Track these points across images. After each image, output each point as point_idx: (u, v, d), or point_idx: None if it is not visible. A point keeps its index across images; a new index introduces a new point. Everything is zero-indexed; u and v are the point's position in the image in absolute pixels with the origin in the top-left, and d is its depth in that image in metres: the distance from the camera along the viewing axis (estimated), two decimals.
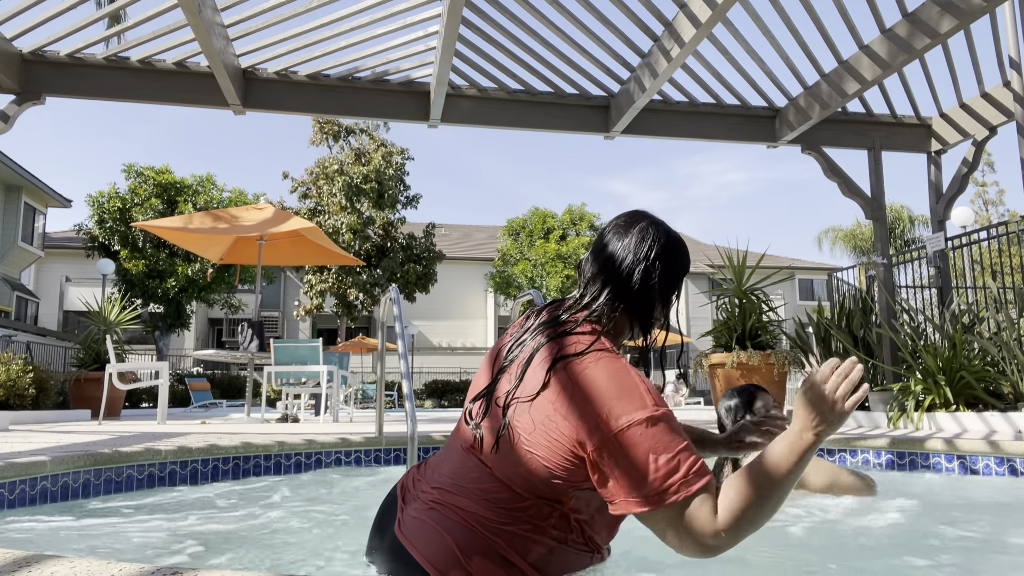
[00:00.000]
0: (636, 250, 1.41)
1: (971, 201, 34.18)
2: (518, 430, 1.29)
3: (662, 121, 7.26)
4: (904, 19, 5.68)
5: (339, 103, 6.92)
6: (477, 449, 1.36)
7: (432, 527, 1.30)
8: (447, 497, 1.34)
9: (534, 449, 1.27)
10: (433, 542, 1.28)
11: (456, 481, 1.35)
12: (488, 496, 1.30)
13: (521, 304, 5.13)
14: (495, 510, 1.29)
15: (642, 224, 1.45)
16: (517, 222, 26.46)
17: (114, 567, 1.02)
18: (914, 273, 7.94)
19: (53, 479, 2.77)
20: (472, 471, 1.35)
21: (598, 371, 1.26)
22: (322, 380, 7.48)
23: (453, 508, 1.31)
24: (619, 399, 1.22)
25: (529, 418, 1.29)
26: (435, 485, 1.38)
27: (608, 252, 1.43)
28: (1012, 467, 3.47)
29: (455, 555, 1.26)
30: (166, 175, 19.53)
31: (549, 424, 1.26)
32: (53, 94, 6.34)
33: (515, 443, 1.29)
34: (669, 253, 1.42)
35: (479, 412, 1.40)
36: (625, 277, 1.40)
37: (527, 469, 1.27)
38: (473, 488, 1.32)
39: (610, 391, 1.23)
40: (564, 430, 1.24)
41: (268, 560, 1.90)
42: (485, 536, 1.27)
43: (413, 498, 1.40)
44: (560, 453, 1.25)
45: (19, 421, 6.60)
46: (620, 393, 1.23)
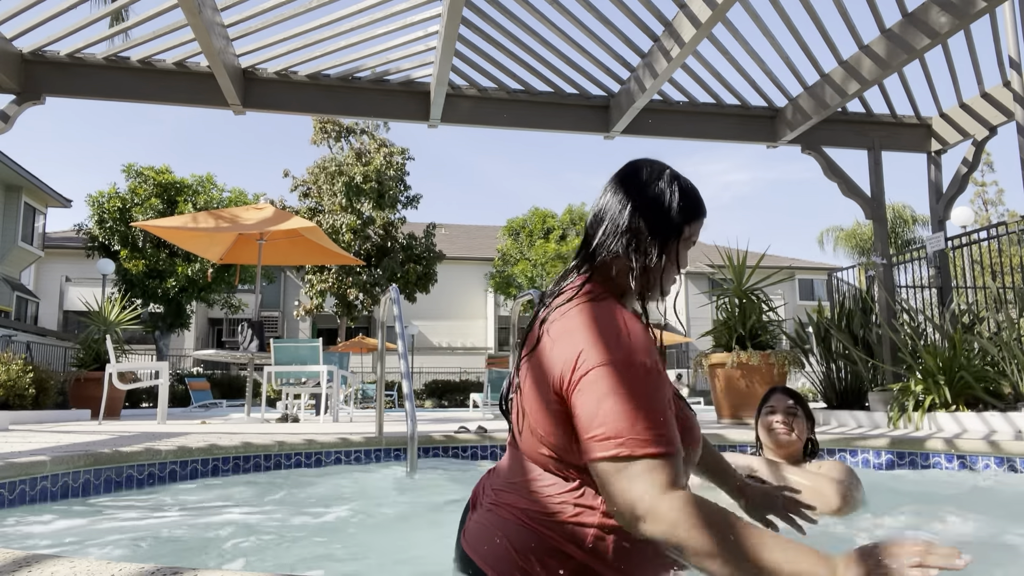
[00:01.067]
0: (627, 190, 1.30)
1: (971, 201, 34.19)
2: (527, 399, 1.25)
3: (662, 121, 7.26)
4: (904, 19, 5.68)
5: (339, 103, 6.92)
6: (515, 441, 1.32)
7: (489, 529, 1.27)
8: (502, 497, 1.30)
9: (540, 413, 1.21)
10: (490, 545, 1.24)
11: (507, 479, 1.31)
12: (531, 487, 1.24)
13: (521, 304, 5.13)
14: (539, 500, 1.22)
15: (635, 166, 1.36)
16: (517, 222, 26.46)
17: (114, 567, 1.02)
18: (914, 273, 7.94)
19: (53, 479, 2.77)
20: (516, 465, 1.30)
21: (577, 317, 1.20)
22: (322, 380, 7.48)
23: (506, 507, 1.27)
24: (593, 343, 1.14)
25: (529, 383, 1.24)
26: (495, 487, 1.34)
27: (600, 202, 1.34)
28: (1012, 467, 3.47)
29: (511, 555, 1.20)
30: (166, 175, 19.53)
31: (540, 383, 1.21)
32: (53, 94, 6.34)
33: (528, 414, 1.24)
34: (664, 187, 1.30)
35: (506, 405, 1.38)
36: (614, 219, 1.29)
37: (547, 441, 1.21)
38: (519, 482, 1.27)
39: (586, 336, 1.15)
40: (549, 383, 1.18)
41: (268, 560, 1.90)
42: (537, 530, 1.21)
43: (479, 504, 1.37)
44: (551, 407, 1.18)
45: (19, 421, 6.60)
46: (595, 337, 1.14)
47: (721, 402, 6.73)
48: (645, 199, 1.29)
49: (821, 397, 7.40)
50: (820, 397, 7.46)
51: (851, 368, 6.99)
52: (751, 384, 6.45)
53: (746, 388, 6.47)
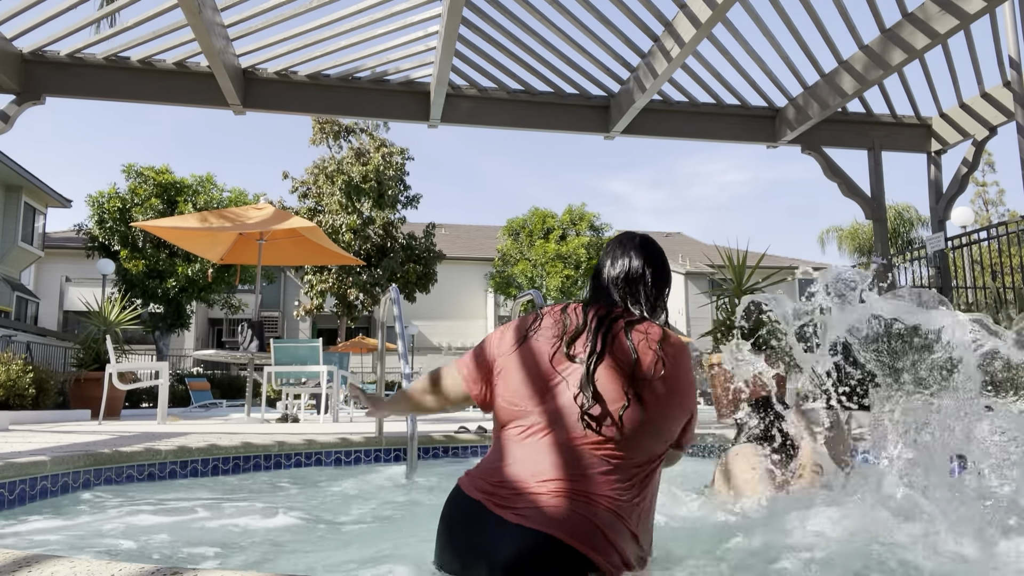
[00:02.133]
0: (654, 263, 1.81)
1: (971, 201, 34.18)
2: (652, 406, 1.54)
3: (662, 121, 7.26)
4: (904, 19, 5.68)
5: (339, 103, 6.92)
6: (593, 439, 1.51)
7: (573, 513, 1.42)
8: (571, 486, 1.46)
9: (668, 418, 1.58)
10: (577, 523, 1.41)
11: (572, 471, 1.48)
12: (610, 478, 1.48)
13: (521, 304, 5.13)
14: (621, 490, 1.48)
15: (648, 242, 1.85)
16: (517, 222, 26.45)
17: (114, 567, 1.02)
18: (914, 273, 7.94)
19: (53, 479, 2.77)
20: (586, 459, 1.50)
21: (684, 348, 1.65)
22: (322, 380, 7.47)
23: (585, 494, 1.45)
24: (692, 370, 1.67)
25: (660, 395, 1.56)
26: (548, 478, 1.47)
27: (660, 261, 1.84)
28: None
29: (599, 530, 1.42)
30: (166, 175, 19.53)
31: (675, 397, 1.58)
32: (53, 94, 6.34)
33: (649, 418, 1.53)
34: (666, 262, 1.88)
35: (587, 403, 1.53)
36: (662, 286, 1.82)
37: (656, 439, 1.55)
38: (594, 474, 1.48)
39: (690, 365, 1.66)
40: (685, 398, 1.62)
41: (268, 560, 1.90)
42: (621, 516, 1.46)
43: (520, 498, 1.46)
44: (681, 418, 1.62)
45: (19, 421, 6.60)
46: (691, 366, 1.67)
47: (721, 402, 6.74)
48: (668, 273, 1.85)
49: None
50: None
51: None
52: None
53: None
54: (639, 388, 1.53)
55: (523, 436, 1.57)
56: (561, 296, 24.41)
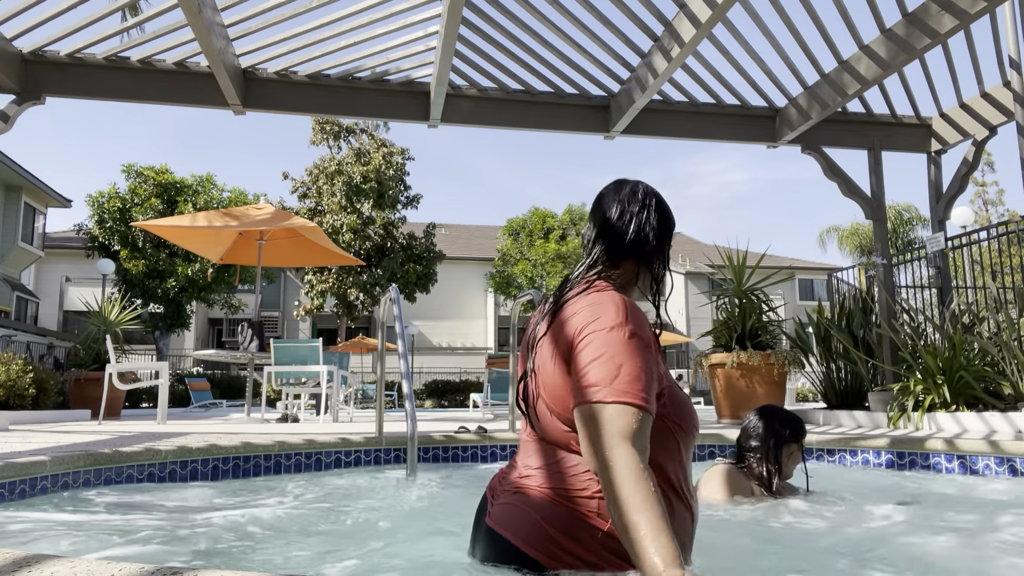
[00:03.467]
0: (628, 204, 1.52)
1: (971, 201, 34.18)
2: (543, 378, 1.39)
3: (662, 121, 7.26)
4: (904, 19, 5.68)
5: (339, 103, 6.92)
6: (534, 429, 1.45)
7: (520, 509, 1.37)
8: (526, 481, 1.41)
9: (556, 387, 1.35)
10: (521, 521, 1.34)
11: (529, 466, 1.43)
12: (557, 468, 1.36)
13: (521, 304, 5.12)
14: (567, 479, 1.33)
15: (630, 185, 1.57)
16: (517, 222, 26.46)
17: (114, 567, 1.02)
18: (914, 273, 7.94)
19: (53, 479, 2.77)
20: (538, 451, 1.43)
21: (583, 301, 1.38)
22: (322, 380, 7.48)
23: (536, 488, 1.38)
24: (594, 315, 1.32)
25: (545, 360, 1.39)
26: (517, 475, 1.45)
27: (602, 212, 1.53)
28: (1012, 467, 3.47)
29: (545, 530, 1.31)
30: (166, 175, 19.54)
31: (555, 357, 1.36)
32: (53, 94, 6.34)
33: (545, 392, 1.38)
34: (658, 205, 1.54)
35: (522, 397, 1.48)
36: (620, 229, 1.50)
37: (563, 416, 1.34)
38: (543, 465, 1.39)
39: (589, 311, 1.33)
40: (561, 354, 1.34)
41: (268, 560, 1.90)
42: (567, 507, 1.31)
43: (500, 492, 1.47)
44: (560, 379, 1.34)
45: (19, 421, 6.60)
46: (596, 311, 1.32)
47: (721, 402, 6.74)
48: (647, 213, 1.51)
49: (821, 397, 7.40)
50: (820, 397, 7.46)
51: (851, 368, 6.99)
52: (751, 384, 6.45)
53: (746, 388, 6.47)
54: (534, 363, 1.43)
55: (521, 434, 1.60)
56: None
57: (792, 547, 2.01)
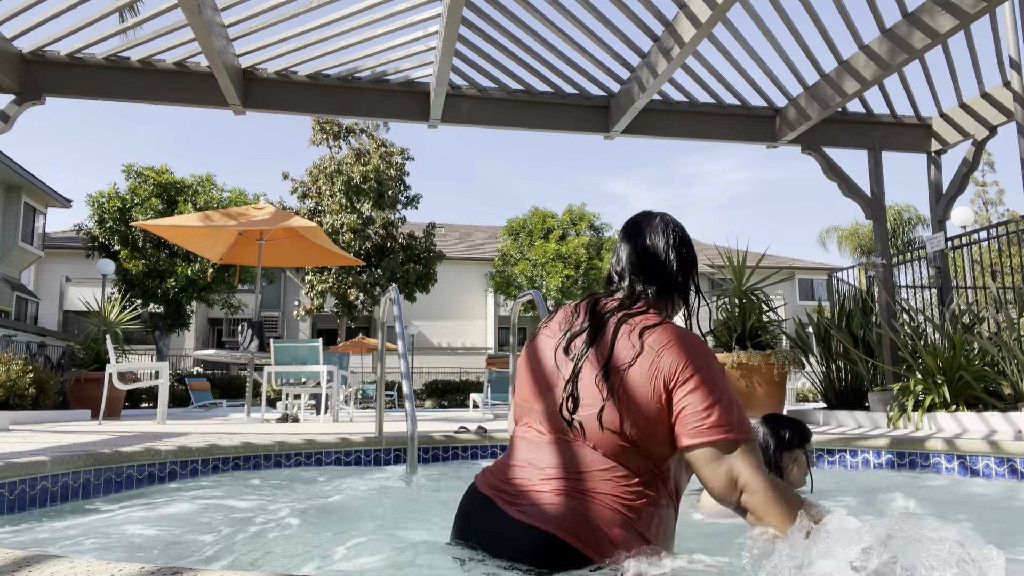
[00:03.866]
0: (665, 241, 1.67)
1: (971, 201, 34.19)
2: (626, 398, 1.46)
3: (662, 121, 7.26)
4: (904, 19, 5.68)
5: (339, 103, 6.92)
6: (579, 436, 1.49)
7: (575, 514, 1.41)
8: (570, 484, 1.45)
9: (638, 411, 1.44)
10: (582, 526, 1.40)
11: (571, 468, 1.48)
12: (608, 475, 1.45)
13: (521, 304, 5.13)
14: (620, 487, 1.44)
15: (659, 219, 1.72)
16: (517, 222, 26.45)
17: (114, 567, 1.02)
18: (914, 273, 7.94)
19: (53, 479, 2.77)
20: (586, 457, 1.48)
21: (671, 332, 1.50)
22: (322, 380, 7.48)
23: (584, 492, 1.44)
24: (690, 351, 1.46)
25: (627, 385, 1.46)
26: (548, 476, 1.48)
27: (643, 247, 1.68)
28: (1012, 467, 3.47)
29: (601, 531, 1.40)
30: (166, 175, 19.53)
31: (644, 385, 1.45)
32: (53, 94, 6.34)
33: (622, 412, 1.45)
34: (687, 239, 1.71)
35: (569, 403, 1.51)
36: (662, 265, 1.66)
37: (634, 434, 1.44)
38: (592, 471, 1.46)
39: (684, 346, 1.47)
40: (654, 383, 1.44)
41: (268, 560, 1.90)
42: (621, 512, 1.42)
43: (524, 495, 1.47)
44: (653, 407, 1.44)
45: (19, 421, 6.60)
46: (690, 346, 1.47)
47: None
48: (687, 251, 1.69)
49: (821, 397, 7.40)
50: (820, 397, 7.46)
51: (851, 368, 6.99)
52: (751, 384, 6.45)
53: (746, 388, 6.47)
54: (613, 383, 1.46)
55: (528, 433, 1.59)
56: (561, 296, 24.41)
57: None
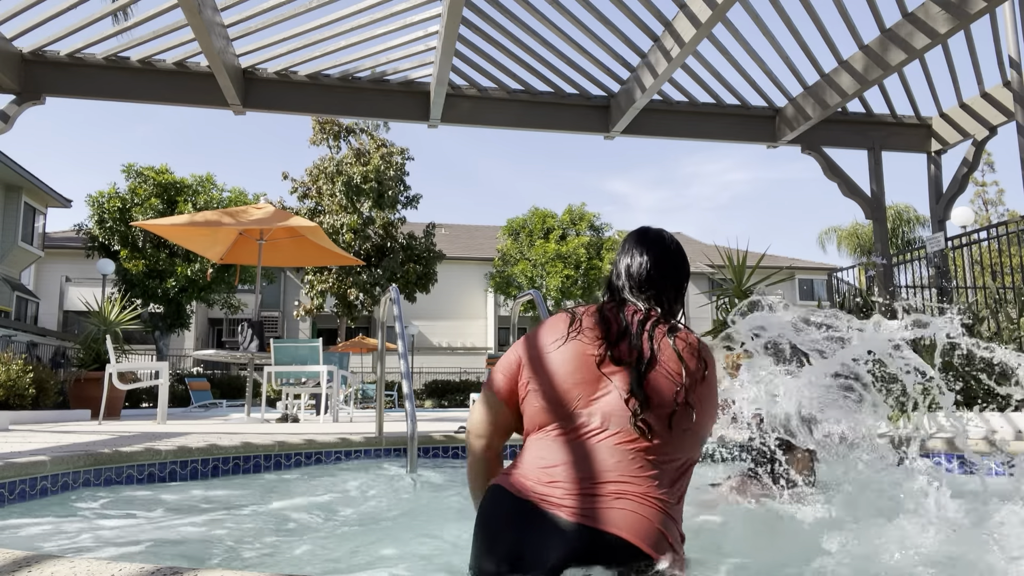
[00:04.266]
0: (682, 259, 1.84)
1: (971, 201, 34.18)
2: (696, 409, 1.59)
3: (662, 121, 7.26)
4: (904, 19, 5.68)
5: (339, 103, 6.92)
6: (641, 441, 1.55)
7: (633, 514, 1.47)
8: (627, 488, 1.50)
9: (706, 419, 1.62)
10: (646, 529, 1.46)
11: (628, 474, 1.53)
12: (660, 479, 1.53)
13: (521, 304, 5.13)
14: (667, 492, 1.53)
15: (670, 238, 1.86)
16: (517, 222, 26.44)
17: (114, 567, 1.02)
18: (914, 273, 7.94)
19: (53, 479, 2.77)
20: (637, 461, 1.54)
21: (710, 351, 1.70)
22: (322, 380, 7.47)
23: (641, 496, 1.50)
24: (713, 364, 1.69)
25: (701, 397, 1.61)
26: (602, 480, 1.51)
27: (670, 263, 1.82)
28: (1012, 467, 3.47)
29: (662, 534, 1.46)
30: (166, 175, 19.53)
31: (712, 398, 1.65)
32: (53, 94, 6.34)
33: (694, 421, 1.58)
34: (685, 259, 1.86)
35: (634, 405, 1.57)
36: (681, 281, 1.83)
37: (699, 440, 1.61)
38: (644, 476, 1.53)
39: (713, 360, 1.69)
40: (717, 398, 1.68)
41: (268, 560, 1.90)
42: (671, 516, 1.51)
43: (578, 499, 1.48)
44: (714, 418, 1.66)
45: (19, 421, 6.60)
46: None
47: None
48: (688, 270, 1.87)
49: None
50: None
51: None
52: None
53: None
54: (688, 393, 1.59)
55: (570, 438, 1.57)
56: (561, 296, 24.41)
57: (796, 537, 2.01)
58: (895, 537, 1.84)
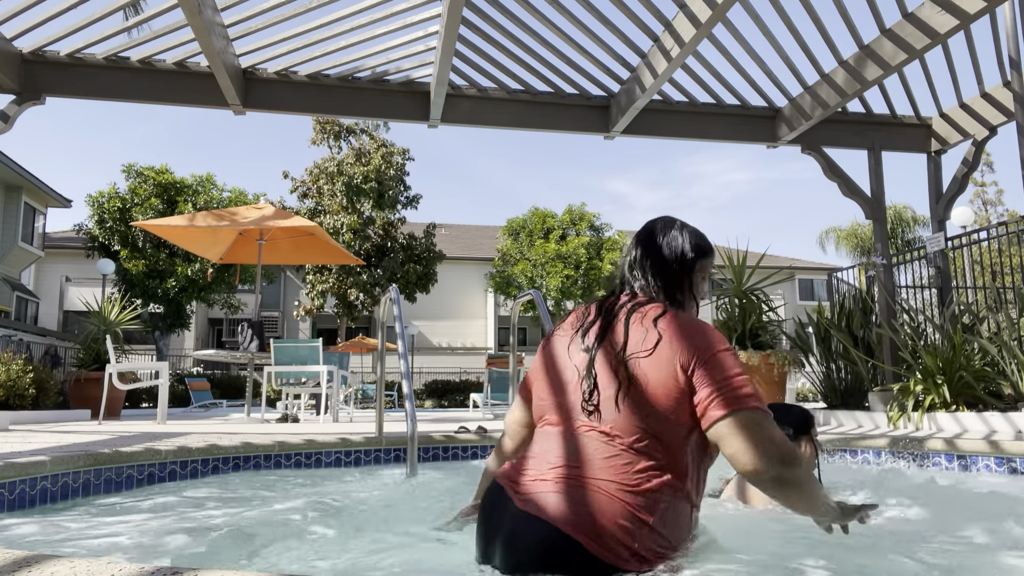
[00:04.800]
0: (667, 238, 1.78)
1: (970, 201, 34.20)
2: (640, 382, 1.52)
3: (662, 121, 7.26)
4: (904, 19, 5.68)
5: (339, 103, 6.92)
6: (595, 424, 1.54)
7: (573, 503, 1.43)
8: (572, 472, 1.48)
9: (656, 391, 1.50)
10: (579, 516, 1.41)
11: (576, 457, 1.51)
12: (611, 462, 1.47)
13: (521, 304, 5.13)
14: (620, 474, 1.45)
15: (663, 220, 1.83)
16: (517, 222, 26.43)
17: (114, 567, 1.02)
18: (914, 273, 7.94)
19: (53, 479, 2.77)
20: (591, 445, 1.51)
21: (684, 320, 1.60)
22: (322, 380, 7.48)
23: (584, 480, 1.46)
24: (706, 335, 1.56)
25: (645, 369, 1.53)
26: (554, 466, 1.51)
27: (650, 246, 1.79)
28: (1012, 467, 3.47)
29: (601, 523, 1.39)
30: (166, 175, 19.52)
31: (662, 367, 1.52)
32: (53, 94, 6.34)
33: (639, 395, 1.51)
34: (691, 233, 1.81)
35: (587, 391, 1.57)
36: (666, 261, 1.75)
37: (651, 416, 1.49)
38: (597, 459, 1.49)
39: (698, 330, 1.56)
40: (672, 365, 1.51)
41: (268, 560, 1.90)
42: (622, 501, 1.42)
43: (528, 485, 1.51)
44: (672, 387, 1.50)
45: (19, 421, 6.60)
46: (705, 331, 1.57)
47: None
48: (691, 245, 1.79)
49: (821, 397, 7.40)
50: (820, 397, 7.46)
51: (851, 368, 6.99)
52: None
53: None
54: (630, 367, 1.54)
55: (542, 428, 1.66)
56: (561, 296, 24.41)
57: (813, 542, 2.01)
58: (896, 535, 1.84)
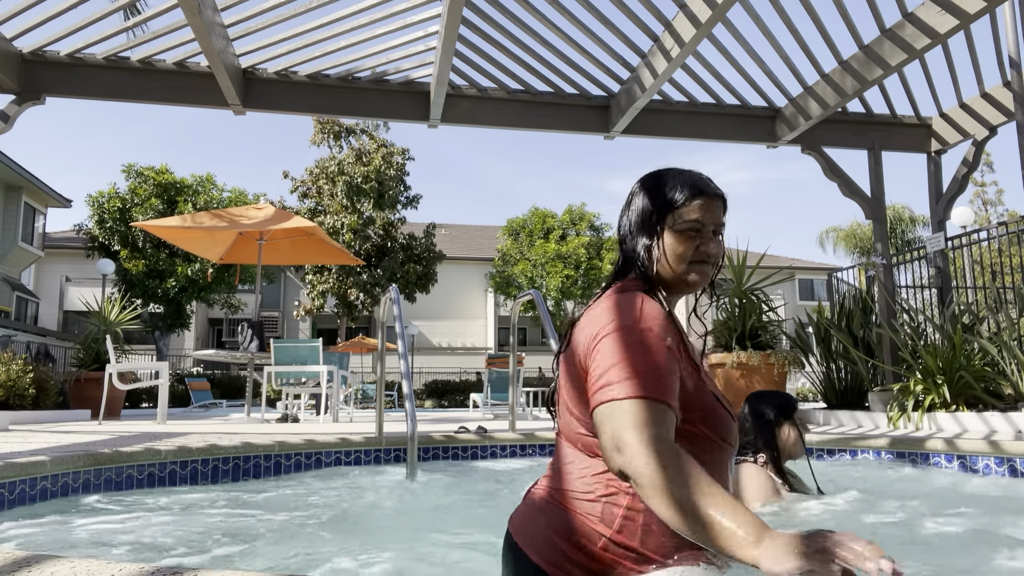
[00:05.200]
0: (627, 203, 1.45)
1: (970, 201, 34.20)
2: (563, 382, 1.35)
3: (662, 121, 7.26)
4: (904, 19, 5.68)
5: (339, 103, 6.92)
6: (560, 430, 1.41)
7: (530, 512, 1.34)
8: (543, 482, 1.38)
9: (573, 391, 1.30)
10: (530, 526, 1.31)
11: (551, 466, 1.41)
12: (567, 468, 1.32)
13: (521, 304, 5.13)
14: (575, 481, 1.29)
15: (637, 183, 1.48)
16: (517, 222, 26.43)
17: (114, 567, 1.02)
18: (914, 273, 7.94)
19: (53, 479, 2.77)
20: (556, 453, 1.39)
21: (603, 303, 1.32)
22: (322, 380, 7.47)
23: (545, 490, 1.35)
24: (610, 317, 1.25)
25: (564, 364, 1.36)
26: (544, 475, 1.43)
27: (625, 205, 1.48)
28: (1012, 467, 3.47)
29: (549, 535, 1.27)
30: (166, 175, 19.52)
31: (572, 362, 1.32)
32: (53, 94, 6.34)
33: (565, 396, 1.34)
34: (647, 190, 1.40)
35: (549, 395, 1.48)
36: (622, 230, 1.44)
37: (580, 419, 1.29)
38: (559, 466, 1.35)
39: (600, 314, 1.28)
40: (578, 358, 1.29)
41: (268, 560, 1.90)
42: (572, 511, 1.27)
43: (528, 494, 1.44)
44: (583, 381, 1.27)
45: (19, 421, 6.60)
46: (612, 313, 1.26)
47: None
48: (631, 203, 1.43)
49: (821, 397, 7.40)
50: (820, 397, 7.46)
51: (851, 368, 6.98)
52: (751, 384, 6.45)
53: (746, 388, 6.47)
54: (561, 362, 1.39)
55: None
56: (561, 296, 24.40)
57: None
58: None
